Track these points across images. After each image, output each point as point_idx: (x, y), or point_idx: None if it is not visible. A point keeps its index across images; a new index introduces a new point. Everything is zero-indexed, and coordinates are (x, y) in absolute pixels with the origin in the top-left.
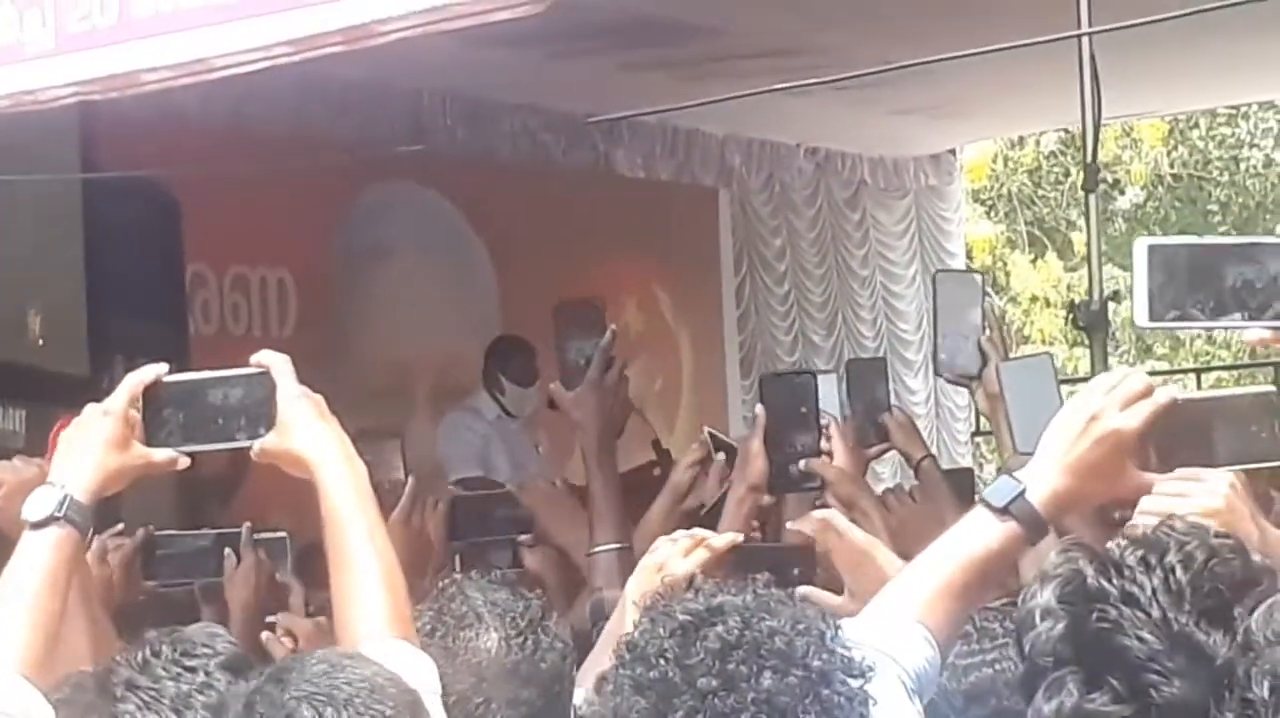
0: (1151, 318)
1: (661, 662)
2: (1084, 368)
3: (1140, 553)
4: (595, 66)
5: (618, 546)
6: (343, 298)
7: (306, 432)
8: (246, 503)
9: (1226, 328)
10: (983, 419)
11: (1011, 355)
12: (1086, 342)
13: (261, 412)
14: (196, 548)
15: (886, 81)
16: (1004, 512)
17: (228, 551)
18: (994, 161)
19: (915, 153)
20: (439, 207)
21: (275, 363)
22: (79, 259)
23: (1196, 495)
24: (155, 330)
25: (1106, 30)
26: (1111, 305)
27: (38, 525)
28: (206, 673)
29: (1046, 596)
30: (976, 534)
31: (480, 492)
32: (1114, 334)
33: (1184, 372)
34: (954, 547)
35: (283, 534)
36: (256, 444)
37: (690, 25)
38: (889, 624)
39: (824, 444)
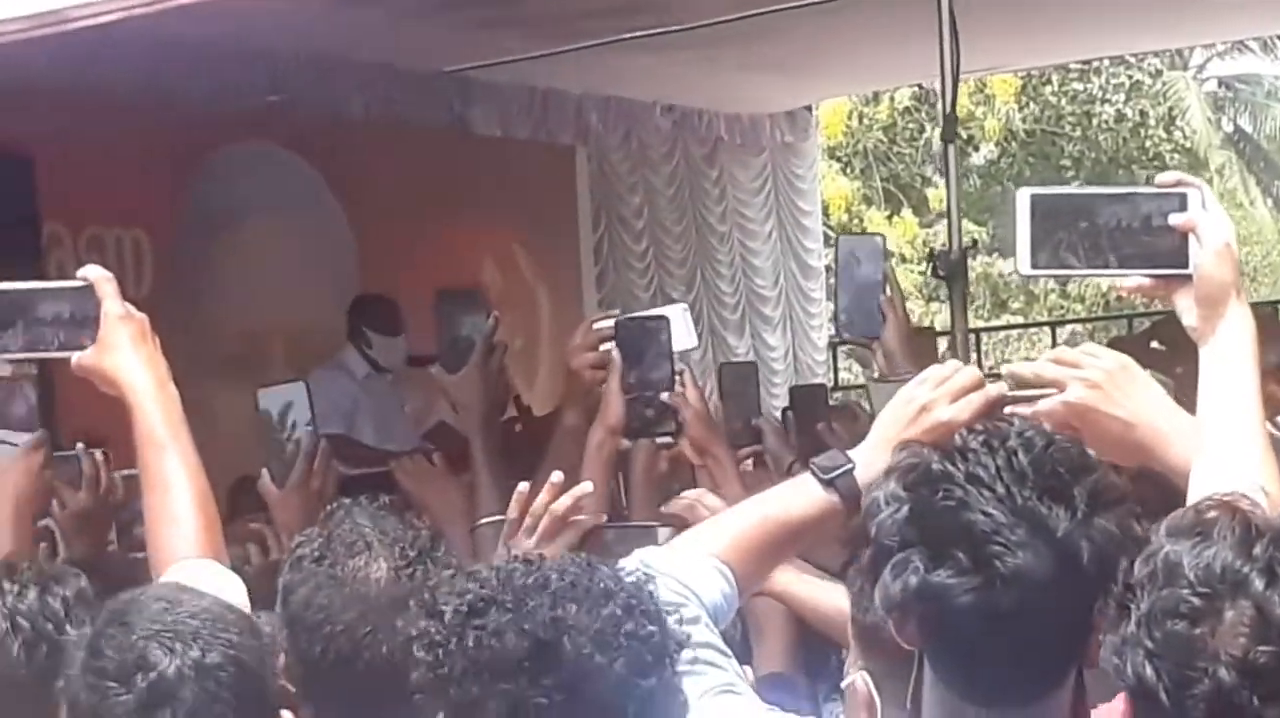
0: (1033, 266)
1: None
2: (940, 322)
3: (982, 438)
4: (450, 25)
5: (501, 518)
6: (199, 260)
7: (126, 354)
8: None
9: (1105, 276)
10: (841, 375)
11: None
12: (942, 297)
13: (84, 327)
14: None
15: (740, 37)
16: (829, 483)
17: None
18: (849, 118)
19: (771, 109)
20: (295, 167)
21: (99, 280)
22: None
23: (1071, 381)
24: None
25: None
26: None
27: None
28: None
29: (891, 484)
30: (798, 496)
31: (364, 470)
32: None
33: (1038, 325)
34: (773, 503)
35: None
36: (75, 357)
37: None
38: (690, 558)
39: (678, 389)
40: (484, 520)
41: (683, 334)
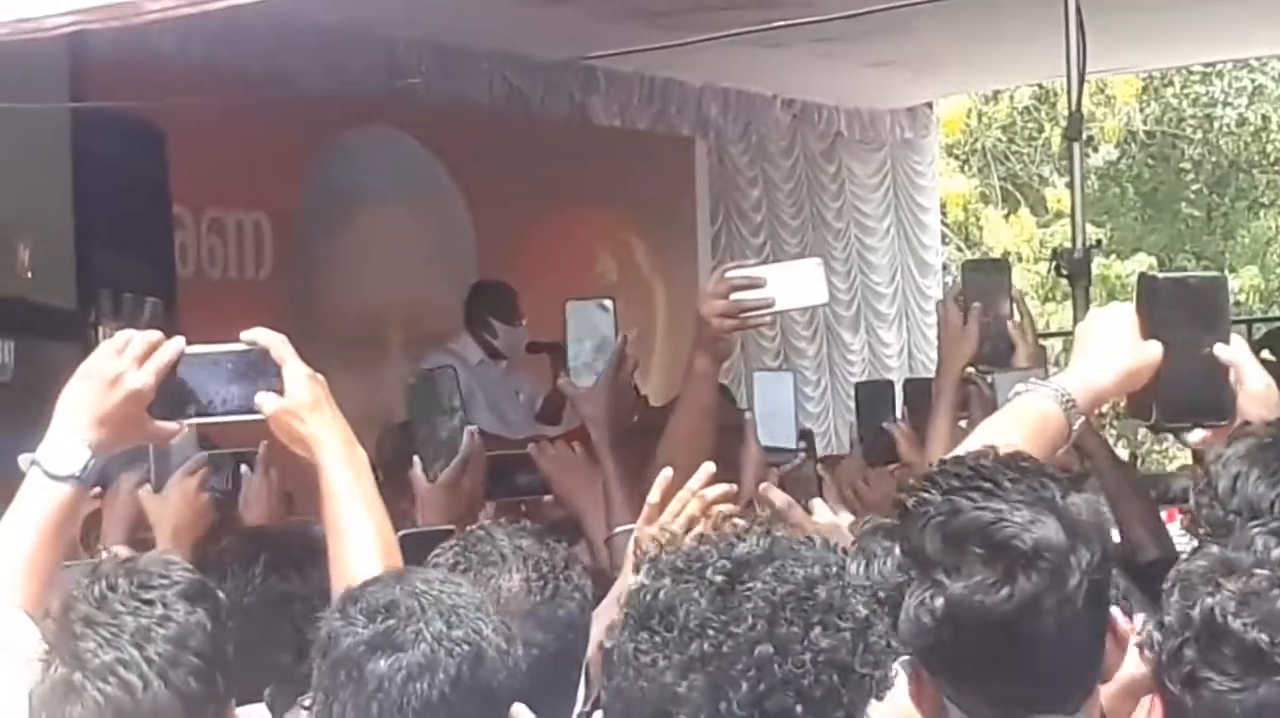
0: None
1: (710, 632)
2: (1057, 323)
3: (939, 467)
4: (573, 14)
5: (634, 527)
6: (318, 243)
7: (315, 413)
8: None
9: None
10: None
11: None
12: (1059, 297)
13: (256, 390)
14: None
15: (863, 34)
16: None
17: (244, 468)
18: (968, 117)
19: (892, 105)
20: (415, 152)
21: (275, 342)
22: (68, 193)
23: None
24: (142, 266)
25: None
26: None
27: (54, 477)
28: (165, 604)
29: (870, 546)
30: (1033, 409)
31: (506, 452)
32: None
33: None
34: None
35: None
36: (270, 410)
37: None
38: None
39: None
40: (618, 529)
41: (816, 288)
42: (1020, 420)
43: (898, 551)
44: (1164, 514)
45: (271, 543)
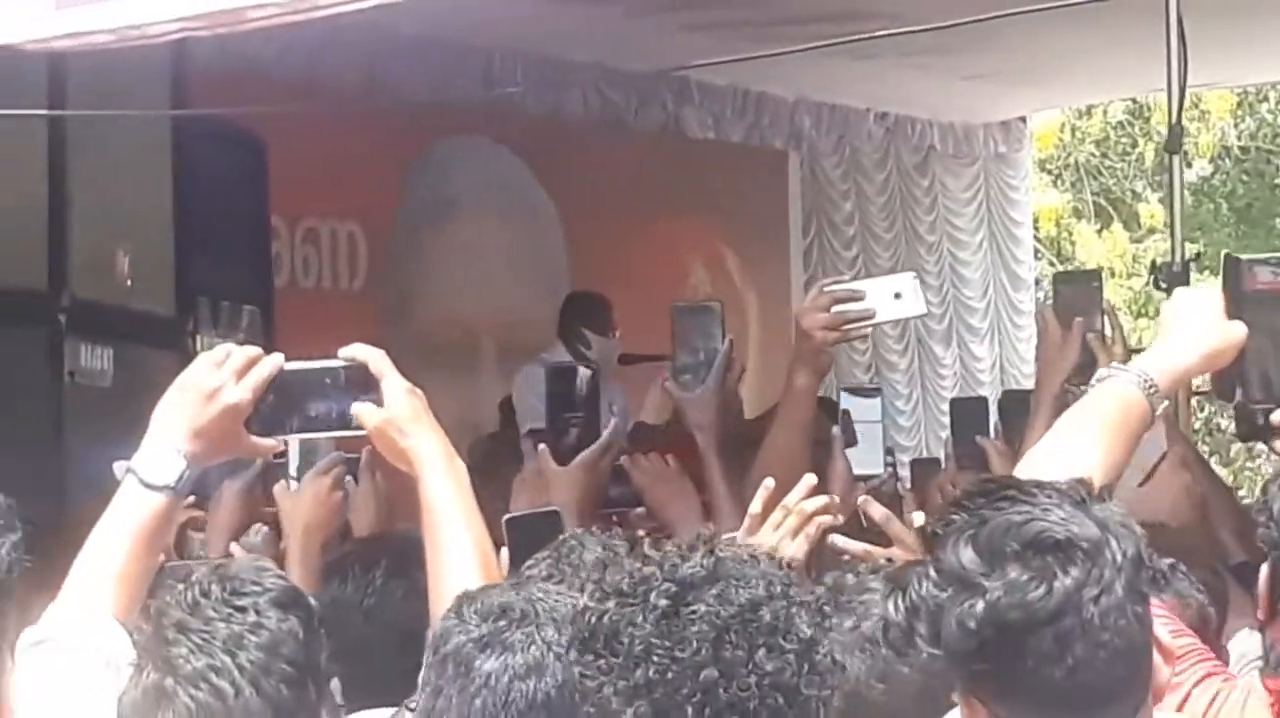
0: None
1: (656, 657)
2: (1149, 338)
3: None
4: (666, 26)
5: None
6: (411, 253)
7: (416, 426)
8: None
9: None
10: None
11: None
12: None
13: (355, 404)
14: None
15: (956, 47)
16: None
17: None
18: (1061, 131)
19: (985, 119)
20: (509, 163)
21: (374, 357)
22: (168, 201)
23: None
24: (239, 275)
25: None
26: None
27: (149, 486)
28: (257, 612)
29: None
30: (1113, 396)
31: None
32: None
33: None
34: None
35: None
36: (369, 424)
37: None
38: None
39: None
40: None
41: (914, 300)
42: (1100, 409)
43: (932, 571)
44: None
45: (390, 549)
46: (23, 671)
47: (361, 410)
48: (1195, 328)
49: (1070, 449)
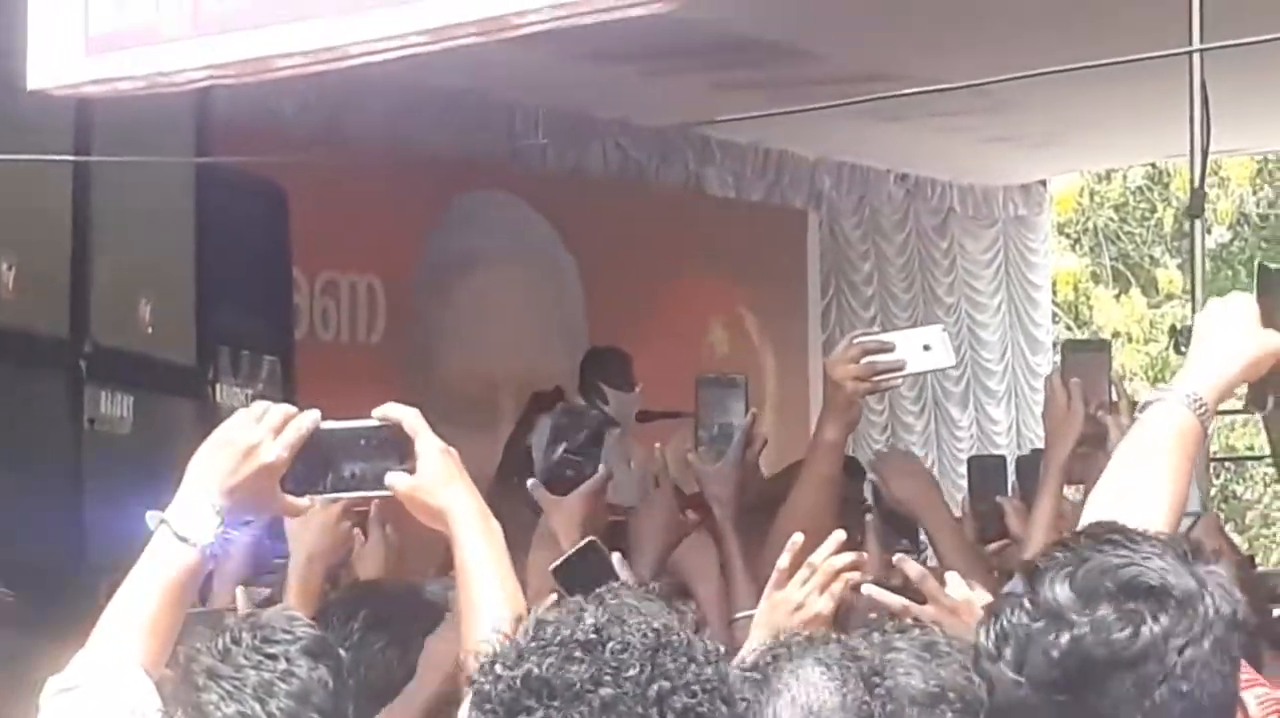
0: None
1: (606, 679)
2: None
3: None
4: (689, 85)
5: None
6: (431, 306)
7: (451, 485)
8: None
9: None
10: None
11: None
12: (1168, 378)
13: (388, 465)
14: None
15: (978, 109)
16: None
17: (356, 529)
18: (1080, 195)
19: (1005, 182)
20: (530, 218)
21: (408, 417)
22: (190, 249)
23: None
24: (260, 325)
25: (1219, 47)
26: None
27: (184, 540)
28: (288, 660)
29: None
30: (1165, 421)
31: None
32: None
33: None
34: (1149, 436)
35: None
36: (401, 489)
37: (785, 48)
38: None
39: None
40: (740, 614)
41: (943, 352)
42: (1157, 439)
43: (1027, 602)
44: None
45: (375, 601)
46: (48, 717)
47: (393, 477)
48: (1234, 338)
49: (1141, 489)
